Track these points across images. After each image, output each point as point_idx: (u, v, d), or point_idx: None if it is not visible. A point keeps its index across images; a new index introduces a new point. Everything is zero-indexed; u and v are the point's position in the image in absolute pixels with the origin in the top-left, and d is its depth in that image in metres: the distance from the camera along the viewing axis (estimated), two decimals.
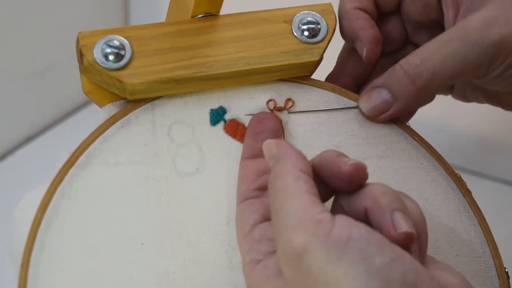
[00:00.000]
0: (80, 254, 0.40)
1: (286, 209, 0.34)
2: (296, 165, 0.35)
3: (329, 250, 0.31)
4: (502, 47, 0.41)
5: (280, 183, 0.35)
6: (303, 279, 0.32)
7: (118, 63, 0.41)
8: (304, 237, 0.32)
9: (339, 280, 0.31)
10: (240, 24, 0.44)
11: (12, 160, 0.88)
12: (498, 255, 0.45)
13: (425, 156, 0.46)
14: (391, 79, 0.43)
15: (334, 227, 0.32)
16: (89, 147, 0.41)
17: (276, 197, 0.35)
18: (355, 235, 0.32)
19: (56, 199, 0.40)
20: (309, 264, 0.32)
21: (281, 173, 0.35)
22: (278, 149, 0.37)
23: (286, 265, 0.33)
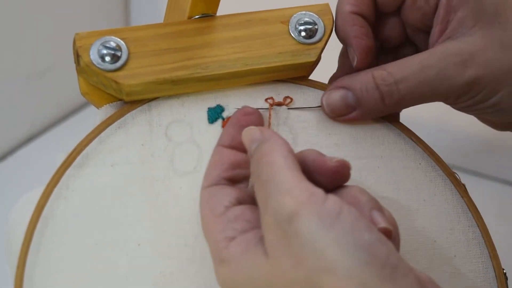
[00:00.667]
0: (77, 255, 0.40)
1: (277, 179, 0.34)
2: (283, 146, 0.36)
3: (321, 217, 0.32)
4: (473, 86, 0.42)
5: (269, 159, 0.35)
6: (288, 244, 0.33)
7: (115, 64, 0.41)
8: (297, 203, 0.33)
9: (327, 247, 0.32)
10: (237, 25, 0.44)
11: (12, 161, 0.88)
12: (496, 256, 0.44)
13: (423, 156, 0.45)
14: (360, 86, 0.43)
15: (327, 200, 0.33)
16: (86, 148, 0.41)
17: (264, 170, 0.35)
18: (346, 210, 0.33)
19: (52, 200, 0.40)
20: (298, 229, 0.32)
21: (269, 151, 0.36)
22: (262, 133, 0.37)
23: (272, 230, 0.33)
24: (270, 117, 0.44)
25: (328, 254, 0.32)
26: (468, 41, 0.42)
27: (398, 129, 0.46)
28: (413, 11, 0.44)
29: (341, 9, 0.44)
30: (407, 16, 0.45)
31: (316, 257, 0.32)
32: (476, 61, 0.41)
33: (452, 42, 0.42)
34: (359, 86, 0.43)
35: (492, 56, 0.41)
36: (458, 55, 0.41)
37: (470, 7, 0.42)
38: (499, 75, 0.41)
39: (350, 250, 0.32)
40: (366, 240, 0.32)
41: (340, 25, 0.44)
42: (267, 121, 0.44)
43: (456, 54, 0.41)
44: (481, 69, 0.41)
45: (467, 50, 0.41)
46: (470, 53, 0.41)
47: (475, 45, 0.42)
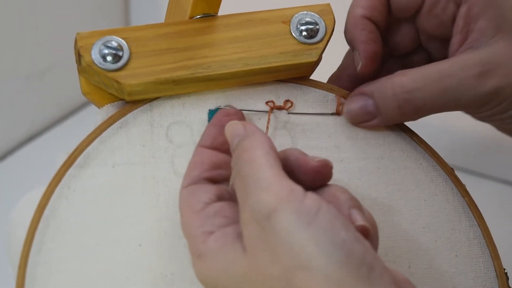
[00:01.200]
0: (78, 255, 0.40)
1: (257, 176, 0.34)
2: (265, 143, 0.36)
3: (299, 214, 0.32)
4: (495, 96, 0.41)
5: (250, 155, 0.35)
6: (266, 241, 0.33)
7: (116, 64, 0.40)
8: (276, 199, 0.33)
9: (304, 245, 0.32)
10: (238, 25, 0.44)
11: (12, 161, 0.88)
12: (498, 256, 0.44)
13: (424, 156, 0.45)
14: (379, 94, 0.43)
15: (306, 197, 0.33)
16: (87, 148, 0.41)
17: (245, 166, 0.35)
18: (324, 208, 0.33)
19: (54, 200, 0.40)
20: (276, 225, 0.32)
21: (251, 146, 0.36)
22: (245, 128, 0.37)
23: (251, 226, 0.34)
24: (269, 121, 0.44)
25: (305, 252, 0.32)
26: (489, 51, 0.42)
27: (399, 129, 0.46)
28: (430, 18, 0.44)
29: (352, 12, 0.44)
30: (423, 23, 0.44)
31: (292, 255, 0.32)
32: (498, 72, 0.41)
33: (474, 52, 0.42)
34: (378, 94, 0.43)
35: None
36: (480, 65, 0.41)
37: (491, 16, 0.42)
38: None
39: (327, 249, 0.32)
40: (343, 238, 0.32)
41: (349, 28, 0.44)
42: (265, 125, 0.44)
43: (478, 64, 0.41)
44: (503, 79, 0.41)
45: (489, 60, 0.41)
46: (492, 63, 0.41)
47: (497, 55, 0.41)
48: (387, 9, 0.44)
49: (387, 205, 0.44)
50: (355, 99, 0.44)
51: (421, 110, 0.42)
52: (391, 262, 0.43)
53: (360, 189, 0.44)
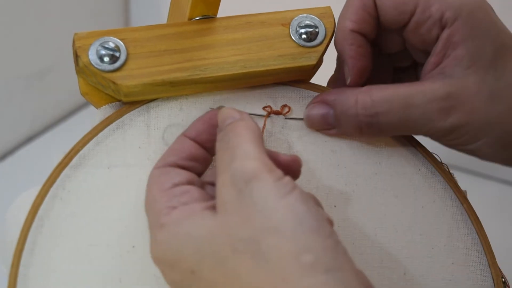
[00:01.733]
0: (71, 255, 0.39)
1: (245, 147, 0.36)
2: (256, 130, 0.37)
3: (278, 186, 0.34)
4: (454, 130, 0.42)
5: (242, 131, 0.37)
6: (240, 203, 0.34)
7: (113, 65, 0.40)
8: (259, 167, 0.35)
9: (277, 209, 0.33)
10: (237, 27, 0.43)
11: (11, 161, 0.88)
12: (495, 264, 0.44)
13: (423, 162, 0.45)
14: (342, 108, 0.43)
15: (284, 178, 0.35)
16: (83, 149, 0.41)
17: (236, 139, 0.36)
18: (298, 189, 0.35)
19: (48, 200, 0.40)
20: (254, 190, 0.34)
21: (242, 126, 0.37)
22: (238, 113, 0.39)
23: (227, 188, 0.35)
24: (264, 126, 0.44)
25: (277, 215, 0.33)
26: (458, 84, 0.42)
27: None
28: (415, 35, 0.44)
29: (341, 24, 0.44)
30: (408, 37, 0.44)
31: (264, 217, 0.33)
32: (461, 109, 0.41)
33: (443, 81, 0.42)
34: (341, 108, 0.43)
35: (478, 105, 0.41)
36: (445, 100, 0.41)
37: (470, 47, 0.41)
38: (481, 125, 0.41)
39: (299, 215, 0.33)
40: (315, 212, 0.34)
41: (339, 41, 0.44)
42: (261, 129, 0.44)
43: (443, 98, 0.41)
44: (465, 116, 0.41)
45: (455, 95, 0.41)
46: (458, 98, 0.41)
47: (464, 90, 0.41)
48: (375, 21, 0.44)
49: (384, 211, 0.44)
50: (317, 106, 0.44)
51: (381, 132, 0.43)
52: (386, 269, 0.43)
53: (356, 194, 0.44)
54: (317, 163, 0.44)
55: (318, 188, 0.43)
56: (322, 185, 0.43)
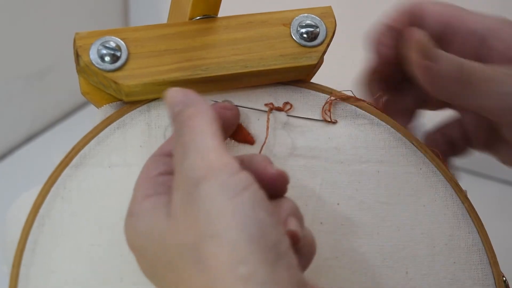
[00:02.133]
0: (72, 255, 0.40)
1: (198, 142, 0.34)
2: (209, 112, 0.36)
3: (226, 186, 0.32)
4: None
5: (194, 122, 0.35)
6: (189, 207, 0.33)
7: (114, 64, 0.40)
8: (208, 167, 0.33)
9: (221, 215, 0.32)
10: (238, 27, 0.43)
11: (11, 160, 0.88)
12: (496, 263, 0.44)
13: (424, 161, 0.45)
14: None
15: (238, 173, 0.33)
16: (84, 148, 0.41)
17: (188, 133, 0.35)
18: (253, 188, 0.33)
19: (49, 200, 0.40)
20: (202, 192, 0.32)
21: (194, 114, 0.36)
22: (186, 96, 0.37)
23: (179, 191, 0.34)
24: (268, 121, 0.44)
25: (220, 221, 0.32)
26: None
27: (399, 133, 0.46)
28: (477, 127, 0.46)
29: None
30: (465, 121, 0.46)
31: (208, 223, 0.32)
32: None
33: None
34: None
35: None
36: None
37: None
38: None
39: (241, 223, 0.32)
40: (262, 219, 0.32)
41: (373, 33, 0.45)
42: (265, 125, 0.44)
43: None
44: None
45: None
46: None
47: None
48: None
49: (386, 209, 0.44)
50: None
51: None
52: (388, 268, 0.43)
53: (358, 192, 0.44)
54: (321, 160, 0.44)
55: (322, 185, 0.43)
56: (325, 183, 0.43)
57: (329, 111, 0.45)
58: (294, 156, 0.44)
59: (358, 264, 0.43)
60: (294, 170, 0.43)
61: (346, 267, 0.42)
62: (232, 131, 0.43)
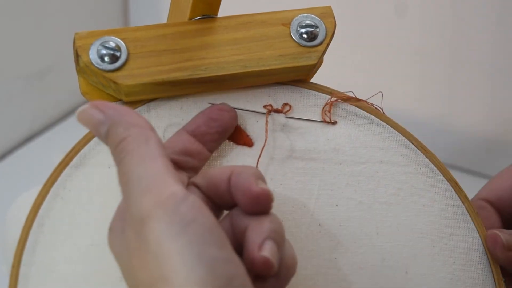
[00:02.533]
0: (72, 255, 0.40)
1: (138, 172, 0.32)
2: (143, 125, 0.34)
3: (172, 223, 0.31)
4: None
5: (129, 146, 0.33)
6: (139, 246, 0.31)
7: (114, 64, 0.40)
8: (152, 204, 0.31)
9: (169, 256, 0.30)
10: (238, 27, 0.43)
11: (11, 160, 0.88)
12: (496, 263, 0.44)
13: (424, 161, 0.45)
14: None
15: (183, 203, 0.31)
16: (84, 148, 0.41)
17: (126, 159, 0.33)
18: (200, 219, 0.31)
19: (49, 200, 0.40)
20: (147, 232, 0.31)
21: (126, 135, 0.33)
22: (104, 112, 0.34)
23: (130, 229, 0.32)
24: (267, 123, 0.44)
25: (168, 263, 0.30)
26: None
27: (399, 133, 0.45)
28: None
29: None
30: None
31: (157, 265, 0.30)
32: None
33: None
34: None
35: None
36: None
37: None
38: None
39: (190, 263, 0.30)
40: (211, 256, 0.30)
41: None
42: (263, 127, 0.44)
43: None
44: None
45: None
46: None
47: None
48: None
49: (386, 210, 0.44)
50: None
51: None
52: (388, 268, 0.43)
53: (357, 193, 0.44)
54: (319, 162, 0.44)
55: (320, 186, 0.43)
56: (324, 184, 0.43)
57: (329, 112, 0.45)
58: (292, 158, 0.44)
59: (357, 264, 0.43)
60: (292, 172, 0.43)
61: (345, 268, 0.42)
62: (230, 133, 0.43)
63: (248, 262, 0.34)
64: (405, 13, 0.85)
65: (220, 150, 0.43)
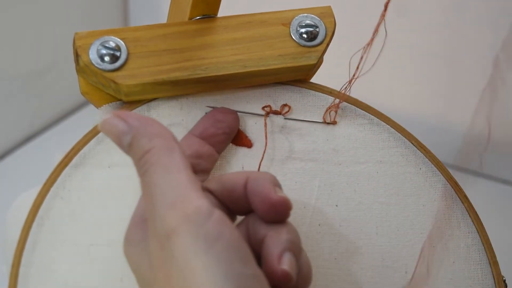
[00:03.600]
0: (72, 255, 0.39)
1: (163, 185, 0.32)
2: (166, 136, 0.34)
3: (198, 239, 0.31)
4: None
5: (153, 157, 0.33)
6: (164, 260, 0.31)
7: (113, 64, 0.40)
8: (178, 219, 0.31)
9: (196, 272, 0.30)
10: (238, 26, 0.43)
11: (11, 160, 0.88)
12: (496, 263, 0.44)
13: (424, 161, 0.45)
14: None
15: (210, 219, 0.31)
16: (84, 148, 0.41)
17: (150, 171, 0.33)
18: (226, 236, 0.31)
19: (49, 199, 0.40)
20: (173, 247, 0.31)
21: (152, 146, 0.33)
22: (128, 123, 0.34)
23: (153, 242, 0.32)
24: (266, 126, 0.44)
25: (195, 280, 0.30)
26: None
27: (399, 133, 0.45)
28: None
29: None
30: None
31: (183, 280, 0.30)
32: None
33: None
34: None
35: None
36: None
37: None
38: None
39: (218, 280, 0.30)
40: (238, 272, 0.30)
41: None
42: (262, 129, 0.44)
43: None
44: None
45: None
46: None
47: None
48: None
49: (385, 210, 0.44)
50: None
51: None
52: (387, 268, 0.43)
53: (357, 193, 0.44)
54: (319, 162, 0.44)
55: (320, 187, 0.43)
56: (324, 184, 0.43)
57: (335, 113, 0.45)
58: (292, 159, 0.44)
59: (357, 264, 0.43)
60: (292, 173, 0.43)
61: (345, 268, 0.42)
62: (235, 134, 0.43)
63: (268, 274, 0.34)
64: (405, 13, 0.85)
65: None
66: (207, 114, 0.42)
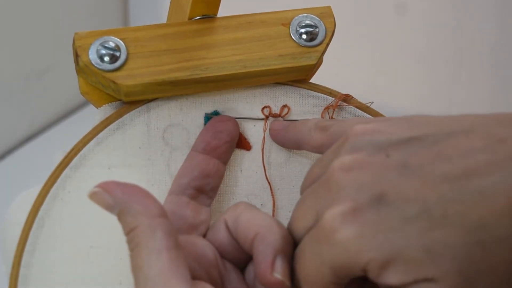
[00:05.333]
0: (71, 257, 0.39)
1: (145, 270, 0.32)
2: (151, 212, 0.33)
3: None
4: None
5: (138, 238, 0.33)
6: None
7: (113, 64, 0.40)
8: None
9: None
10: (238, 27, 0.43)
11: (11, 160, 0.88)
12: None
13: None
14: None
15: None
16: (83, 149, 0.41)
17: (135, 252, 0.33)
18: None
19: (48, 201, 0.40)
20: None
21: (137, 225, 0.33)
22: (122, 193, 0.34)
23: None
24: (265, 129, 0.44)
25: None
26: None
27: None
28: None
29: None
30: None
31: None
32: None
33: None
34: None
35: None
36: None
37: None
38: None
39: None
40: None
41: None
42: (261, 132, 0.44)
43: None
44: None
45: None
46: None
47: None
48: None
49: None
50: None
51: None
52: None
53: None
54: None
55: None
56: None
57: (333, 110, 0.45)
58: (290, 162, 0.44)
59: None
60: (290, 176, 0.43)
61: None
62: (237, 141, 0.43)
63: (261, 282, 0.34)
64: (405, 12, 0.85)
65: None
66: (206, 126, 0.42)
